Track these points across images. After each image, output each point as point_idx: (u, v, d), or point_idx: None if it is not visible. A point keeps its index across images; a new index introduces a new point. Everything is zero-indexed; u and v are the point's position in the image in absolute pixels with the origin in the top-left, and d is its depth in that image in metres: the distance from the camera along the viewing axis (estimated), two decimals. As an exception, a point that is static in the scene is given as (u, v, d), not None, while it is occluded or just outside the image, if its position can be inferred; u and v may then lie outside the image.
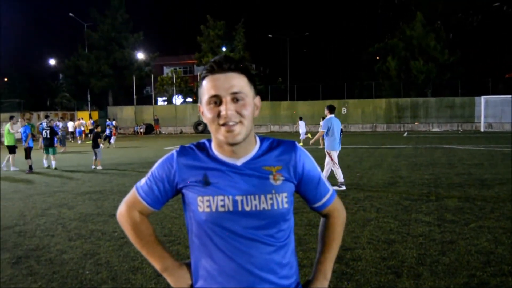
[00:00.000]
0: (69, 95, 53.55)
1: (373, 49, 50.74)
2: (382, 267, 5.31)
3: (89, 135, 36.38)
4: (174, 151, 1.80)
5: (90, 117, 42.02)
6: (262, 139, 1.82)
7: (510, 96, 39.15)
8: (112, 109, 50.28)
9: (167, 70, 63.56)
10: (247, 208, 1.68)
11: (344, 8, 77.38)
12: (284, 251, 1.76)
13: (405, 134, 35.84)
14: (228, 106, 1.64)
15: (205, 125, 44.00)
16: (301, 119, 28.55)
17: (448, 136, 32.17)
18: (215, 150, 1.76)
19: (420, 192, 10.06)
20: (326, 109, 11.30)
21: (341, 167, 11.21)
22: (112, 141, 28.15)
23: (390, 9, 53.05)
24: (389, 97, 45.04)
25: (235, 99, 1.66)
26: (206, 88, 1.69)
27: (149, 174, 1.83)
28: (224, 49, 52.79)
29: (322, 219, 1.99)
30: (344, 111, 44.21)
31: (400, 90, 45.05)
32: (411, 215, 7.88)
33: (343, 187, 10.58)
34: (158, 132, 46.08)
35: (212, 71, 1.69)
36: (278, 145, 1.81)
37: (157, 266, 1.86)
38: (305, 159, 1.82)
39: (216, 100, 1.66)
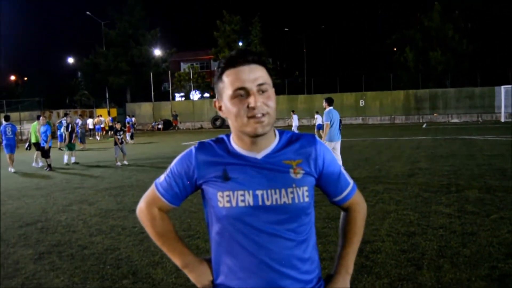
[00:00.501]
0: (87, 93, 54.08)
1: (391, 41, 50.30)
2: (402, 260, 5.28)
3: (109, 132, 36.77)
4: (192, 147, 1.80)
5: (109, 114, 42.40)
6: (281, 133, 1.81)
7: (530, 85, 38.66)
8: (131, 105, 50.64)
9: (184, 66, 63.69)
10: (268, 203, 1.67)
11: (361, 0, 76.74)
12: (305, 246, 1.75)
13: (424, 126, 35.51)
14: (257, 98, 1.63)
15: (223, 120, 44.75)
16: (293, 112, 28.84)
17: (468, 127, 31.80)
18: (234, 144, 1.76)
19: (439, 183, 9.96)
20: (324, 102, 11.43)
21: (360, 160, 11.15)
22: (128, 137, 28.33)
23: (408, 0, 52.57)
24: (407, 88, 44.64)
25: (261, 90, 1.65)
26: (230, 81, 1.67)
27: (168, 170, 1.83)
28: (240, 43, 52.73)
29: (342, 213, 1.97)
30: (362, 104, 43.97)
31: (419, 81, 44.62)
32: (431, 207, 7.81)
33: None
34: (176, 127, 46.26)
35: (234, 64, 1.67)
36: (298, 138, 1.79)
37: (177, 262, 1.87)
38: (325, 153, 1.81)
39: (243, 93, 1.64)
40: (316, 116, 27.54)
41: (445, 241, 5.90)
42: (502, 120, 37.48)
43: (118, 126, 17.16)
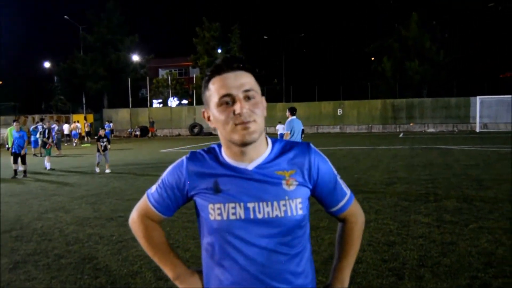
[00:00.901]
0: (64, 98, 53.39)
1: (369, 50, 50.84)
2: (383, 270, 5.28)
3: (85, 138, 36.31)
4: (184, 158, 1.75)
5: (86, 120, 41.89)
6: (274, 141, 1.75)
7: (505, 96, 39.37)
8: (108, 111, 50.15)
9: (162, 72, 63.41)
10: (259, 216, 1.62)
11: (339, 9, 77.43)
12: (299, 259, 1.69)
13: (400, 135, 35.88)
14: (243, 104, 1.59)
15: (201, 128, 44.61)
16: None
17: (444, 136, 32.23)
18: (225, 154, 1.71)
19: (418, 193, 10.04)
20: (288, 111, 11.53)
21: (338, 168, 11.16)
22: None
23: (386, 10, 53.19)
24: (384, 97, 45.10)
25: (247, 97, 1.61)
26: (215, 88, 1.63)
27: (159, 181, 1.79)
28: (219, 50, 52.73)
29: (339, 224, 1.93)
30: (340, 112, 44.27)
31: (396, 90, 45.12)
32: (410, 216, 7.86)
33: None
34: (153, 135, 45.76)
35: (219, 71, 1.63)
36: (291, 147, 1.74)
37: (169, 273, 1.83)
38: (320, 162, 1.75)
39: (228, 100, 1.60)
40: (278, 126, 28.12)
41: (425, 251, 5.92)
42: (477, 130, 38.10)
43: (101, 132, 16.52)
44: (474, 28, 47.38)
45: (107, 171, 15.58)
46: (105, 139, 16.11)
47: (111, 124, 36.47)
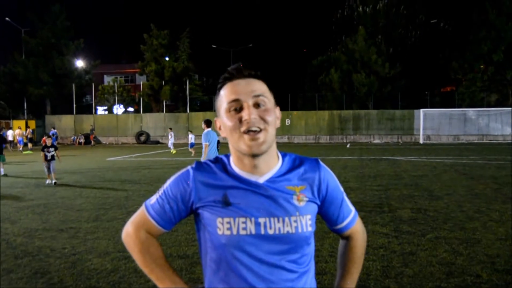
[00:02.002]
0: (3, 103, 51.29)
1: (317, 62, 51.62)
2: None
3: (28, 145, 34.92)
4: (189, 167, 1.64)
5: (27, 126, 40.34)
6: (284, 155, 1.71)
7: (446, 109, 40.90)
8: (50, 118, 48.56)
9: (108, 79, 62.10)
10: (271, 232, 1.55)
11: (288, 21, 78.48)
12: (306, 278, 1.63)
13: (348, 146, 36.50)
14: (251, 110, 1.52)
15: (148, 136, 43.89)
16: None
17: (389, 147, 33.02)
18: (234, 166, 1.62)
19: (372, 203, 10.15)
20: (203, 124, 11.91)
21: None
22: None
23: (333, 23, 54.23)
24: (332, 109, 45.81)
25: (257, 104, 1.55)
26: (225, 94, 1.57)
27: (160, 191, 1.66)
28: (167, 58, 52.17)
29: (341, 242, 1.88)
30: (288, 122, 44.59)
31: (343, 102, 45.95)
32: (368, 226, 7.89)
33: None
34: (92, 143, 43.94)
35: (231, 78, 1.58)
36: (302, 162, 1.69)
37: None
38: (329, 178, 1.71)
39: (237, 106, 1.54)
40: (189, 135, 28.75)
41: (387, 261, 5.94)
42: (421, 142, 39.28)
43: (48, 141, 15.20)
44: (417, 43, 49.02)
45: (54, 181, 14.30)
46: (52, 148, 14.85)
47: (56, 131, 35.28)
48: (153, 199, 1.68)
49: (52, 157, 14.67)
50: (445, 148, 30.48)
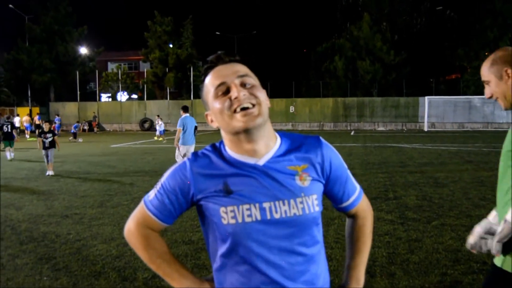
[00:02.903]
0: (7, 90, 51.31)
1: (321, 49, 51.34)
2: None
3: (36, 131, 35.00)
4: (186, 159, 1.60)
5: (31, 113, 40.39)
6: (282, 135, 1.64)
7: (451, 97, 40.72)
8: (54, 105, 48.58)
9: (111, 66, 61.97)
10: (277, 216, 1.51)
11: (293, 7, 78.03)
12: (317, 260, 1.60)
13: (352, 133, 36.41)
14: (239, 88, 1.49)
15: (152, 123, 43.80)
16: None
17: (394, 135, 32.91)
18: (230, 151, 1.57)
19: (377, 190, 10.10)
20: (181, 110, 12.42)
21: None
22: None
23: (338, 10, 53.86)
24: (336, 96, 45.65)
25: (243, 83, 1.51)
26: (210, 82, 1.55)
27: (158, 186, 1.62)
28: (171, 45, 51.99)
29: (348, 220, 1.84)
30: (292, 110, 44.50)
31: (347, 89, 45.77)
32: (373, 213, 7.86)
33: None
34: (95, 130, 43.95)
35: (212, 66, 1.56)
36: (302, 141, 1.63)
37: (176, 286, 1.65)
38: (332, 155, 1.65)
39: (224, 89, 1.51)
40: (158, 121, 30.36)
41: (393, 248, 5.92)
42: (425, 129, 39.12)
43: (46, 126, 14.25)
44: (422, 30, 48.67)
45: (50, 173, 13.27)
46: (49, 134, 13.67)
47: (60, 118, 35.37)
48: (152, 194, 1.63)
49: (51, 144, 13.59)
50: (450, 136, 30.36)
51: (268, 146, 1.56)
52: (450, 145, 22.37)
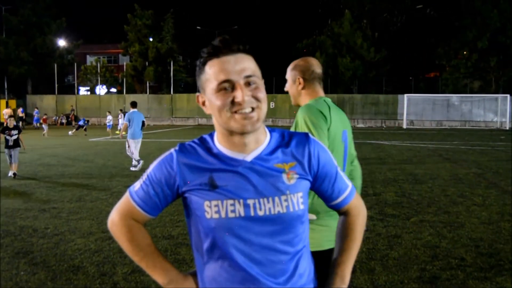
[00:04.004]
0: (-17, 82, 50.43)
1: (302, 45, 51.41)
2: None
3: (20, 123, 34.56)
4: (172, 150, 1.57)
5: (7, 106, 39.75)
6: (272, 131, 1.61)
7: (430, 95, 41.21)
8: (32, 97, 47.85)
9: (90, 59, 61.26)
10: (260, 213, 1.48)
11: (274, 3, 78.00)
12: (300, 257, 1.57)
13: (332, 130, 36.53)
14: (244, 91, 1.45)
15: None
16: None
17: (373, 132, 33.17)
18: (219, 144, 1.55)
19: (357, 186, 10.15)
20: (130, 105, 13.41)
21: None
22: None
23: (319, 6, 53.96)
24: (316, 92, 45.73)
25: (248, 83, 1.47)
26: (213, 73, 1.48)
27: (144, 177, 1.59)
28: (151, 39, 51.58)
29: (340, 217, 1.79)
30: (272, 105, 44.52)
31: (328, 86, 45.94)
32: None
33: (137, 168, 12.50)
34: (73, 123, 43.22)
35: (217, 53, 1.48)
36: (290, 138, 1.61)
37: (159, 279, 1.62)
38: (320, 152, 1.62)
39: (228, 86, 1.46)
40: (108, 116, 31.01)
41: (373, 244, 5.96)
42: (404, 126, 39.50)
43: (10, 121, 12.25)
44: (402, 28, 49.06)
45: (11, 174, 11.60)
46: (14, 131, 11.97)
47: (38, 111, 35.03)
48: (137, 185, 1.60)
49: (15, 143, 11.86)
50: (428, 134, 30.71)
51: (257, 142, 1.54)
52: (428, 143, 22.62)
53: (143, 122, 13.02)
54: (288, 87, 3.05)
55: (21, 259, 5.32)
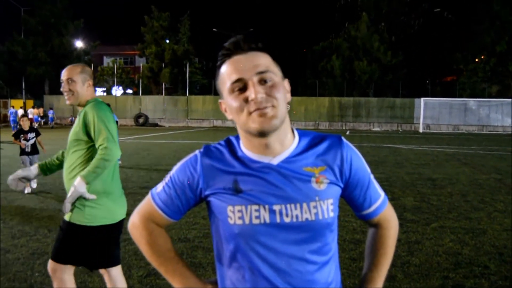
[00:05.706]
0: (2, 82, 50.96)
1: (318, 48, 51.24)
2: (354, 269, 5.13)
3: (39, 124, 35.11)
4: (197, 152, 1.50)
5: (25, 106, 40.21)
6: (301, 134, 1.52)
7: (447, 99, 40.77)
8: (49, 98, 48.26)
9: (107, 60, 61.74)
10: (287, 220, 1.40)
11: (291, 5, 77.95)
12: (329, 268, 1.48)
13: (347, 133, 36.35)
14: (257, 88, 1.36)
15: (147, 118, 43.65)
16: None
17: (389, 135, 32.88)
18: (244, 148, 1.47)
19: (375, 190, 10.00)
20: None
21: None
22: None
23: (336, 9, 53.78)
24: (332, 95, 45.58)
25: (263, 80, 1.38)
26: (226, 74, 1.41)
27: (166, 179, 1.53)
28: (167, 41, 51.79)
29: (370, 230, 1.70)
30: (287, 108, 44.37)
31: (344, 89, 45.72)
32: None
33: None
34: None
35: (229, 54, 1.42)
36: (321, 140, 1.51)
37: (177, 286, 1.55)
38: (353, 157, 1.53)
39: (240, 85, 1.38)
40: (49, 111, 30.29)
41: (393, 250, 5.81)
42: (421, 130, 39.13)
43: (25, 123, 10.09)
44: (420, 31, 48.69)
45: (28, 190, 9.43)
46: (31, 134, 9.99)
47: (54, 111, 35.39)
48: (159, 187, 1.54)
49: (33, 149, 10.03)
50: (445, 138, 30.36)
51: (284, 144, 1.46)
52: (446, 147, 22.34)
53: (116, 122, 12.81)
54: (75, 87, 3.58)
55: (36, 259, 5.27)
